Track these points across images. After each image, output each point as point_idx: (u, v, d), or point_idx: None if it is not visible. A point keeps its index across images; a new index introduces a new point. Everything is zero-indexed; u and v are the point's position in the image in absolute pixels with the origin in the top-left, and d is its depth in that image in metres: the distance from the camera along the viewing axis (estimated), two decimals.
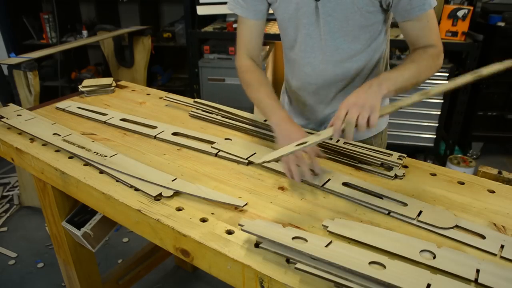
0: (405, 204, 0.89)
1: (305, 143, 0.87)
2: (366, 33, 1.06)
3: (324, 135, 0.89)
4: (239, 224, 0.80)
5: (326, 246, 0.73)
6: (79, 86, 1.59)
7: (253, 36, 1.17)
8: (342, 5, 1.00)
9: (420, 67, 0.98)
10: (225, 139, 1.19)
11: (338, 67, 1.12)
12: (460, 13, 2.42)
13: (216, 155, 1.12)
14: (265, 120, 1.27)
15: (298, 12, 1.06)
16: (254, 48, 1.19)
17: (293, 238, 0.75)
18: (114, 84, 1.62)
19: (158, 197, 0.93)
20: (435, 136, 2.76)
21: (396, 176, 1.00)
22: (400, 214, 0.86)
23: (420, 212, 0.86)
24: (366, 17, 1.02)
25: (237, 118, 1.30)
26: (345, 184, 0.97)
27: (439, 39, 1.03)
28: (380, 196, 0.92)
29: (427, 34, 1.01)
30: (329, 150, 1.11)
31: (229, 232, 0.82)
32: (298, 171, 0.95)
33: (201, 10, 2.78)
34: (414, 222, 0.83)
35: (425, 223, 0.83)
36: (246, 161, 1.07)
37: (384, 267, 0.69)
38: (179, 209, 0.89)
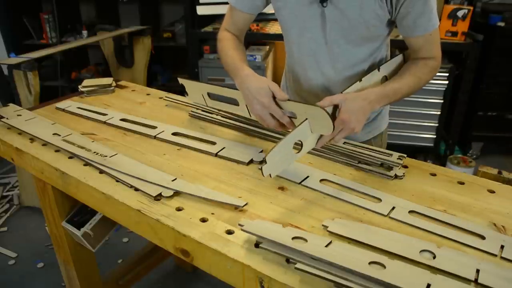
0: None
1: (300, 143, 0.90)
2: (369, 43, 1.07)
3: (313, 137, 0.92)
4: (239, 224, 0.80)
5: (326, 246, 0.73)
6: (79, 86, 1.59)
7: (239, 25, 1.19)
8: (349, 15, 1.00)
9: (420, 81, 1.03)
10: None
11: (339, 74, 1.13)
12: (460, 13, 2.42)
13: (216, 155, 1.12)
14: None
15: (304, 15, 1.05)
16: (237, 31, 1.20)
17: (293, 238, 0.75)
18: (114, 84, 1.62)
19: (158, 197, 0.93)
20: (435, 136, 2.76)
21: (396, 176, 1.00)
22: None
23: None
24: (371, 30, 1.03)
25: (237, 118, 1.30)
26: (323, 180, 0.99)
27: (440, 51, 1.06)
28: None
29: (429, 47, 1.04)
30: (328, 150, 1.10)
31: (229, 232, 0.82)
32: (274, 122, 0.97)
33: (201, 10, 2.78)
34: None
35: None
36: (246, 162, 1.07)
37: (384, 267, 0.69)
38: (179, 209, 0.89)
